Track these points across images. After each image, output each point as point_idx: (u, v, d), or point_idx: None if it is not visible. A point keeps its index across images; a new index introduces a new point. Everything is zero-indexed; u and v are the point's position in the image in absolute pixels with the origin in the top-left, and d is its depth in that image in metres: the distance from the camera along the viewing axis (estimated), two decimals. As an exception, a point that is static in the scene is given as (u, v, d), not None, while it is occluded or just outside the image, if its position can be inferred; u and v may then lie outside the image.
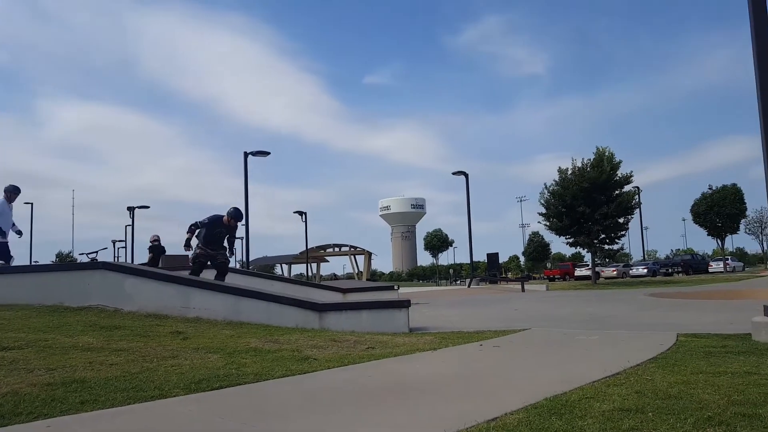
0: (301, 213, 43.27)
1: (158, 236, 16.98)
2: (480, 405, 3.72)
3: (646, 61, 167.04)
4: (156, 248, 16.50)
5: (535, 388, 4.10)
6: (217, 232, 10.38)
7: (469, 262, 38.05)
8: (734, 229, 48.37)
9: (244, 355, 5.73)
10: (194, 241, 10.14)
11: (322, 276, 66.71)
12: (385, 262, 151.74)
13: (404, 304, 8.60)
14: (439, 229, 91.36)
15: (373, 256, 66.34)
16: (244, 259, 28.43)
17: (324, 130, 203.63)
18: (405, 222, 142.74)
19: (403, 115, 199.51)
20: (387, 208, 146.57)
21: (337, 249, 70.08)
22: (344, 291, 13.30)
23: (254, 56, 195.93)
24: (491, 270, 40.42)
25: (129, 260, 36.18)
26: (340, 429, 3.31)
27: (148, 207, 43.10)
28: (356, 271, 64.40)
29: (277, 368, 5.05)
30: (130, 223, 42.06)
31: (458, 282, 59.95)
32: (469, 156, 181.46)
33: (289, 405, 3.89)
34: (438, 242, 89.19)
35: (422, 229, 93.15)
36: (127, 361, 5.10)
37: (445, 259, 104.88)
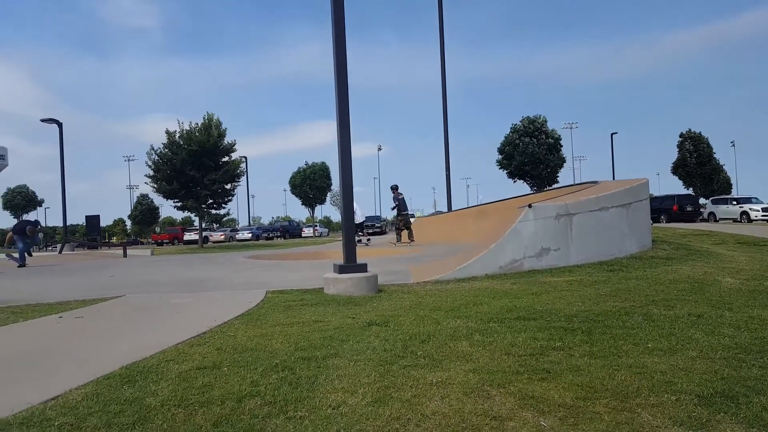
0: None
1: None
2: (41, 385, 3.21)
3: (254, 41, 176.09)
4: None
5: (114, 358, 3.79)
6: None
7: (62, 225, 33.43)
8: (322, 200, 56.68)
9: None
10: None
11: None
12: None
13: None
14: (25, 186, 78.21)
15: None
16: None
17: None
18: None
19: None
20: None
21: None
22: None
23: None
24: (91, 234, 36.79)
25: None
26: None
27: None
28: None
29: None
30: None
31: (50, 248, 52.58)
32: (65, 104, 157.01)
33: None
34: (23, 201, 76.72)
35: (1, 185, 77.44)
36: None
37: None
